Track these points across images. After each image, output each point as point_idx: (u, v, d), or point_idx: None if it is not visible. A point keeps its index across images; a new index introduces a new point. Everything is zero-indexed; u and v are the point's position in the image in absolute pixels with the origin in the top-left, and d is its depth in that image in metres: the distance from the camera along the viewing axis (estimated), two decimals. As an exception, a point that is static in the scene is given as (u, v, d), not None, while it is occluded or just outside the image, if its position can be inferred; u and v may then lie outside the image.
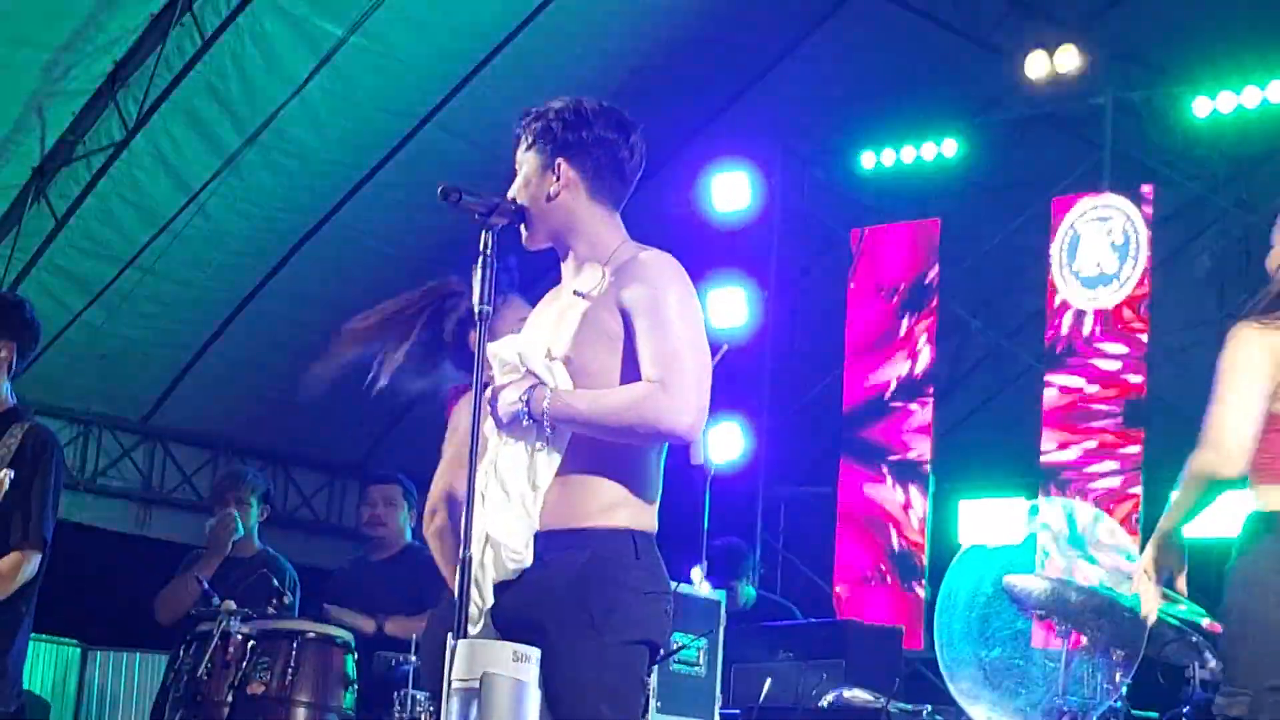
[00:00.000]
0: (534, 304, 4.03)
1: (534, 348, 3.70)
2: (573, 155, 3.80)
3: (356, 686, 6.40)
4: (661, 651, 3.79)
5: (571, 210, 3.81)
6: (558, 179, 3.80)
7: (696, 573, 7.06)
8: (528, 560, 3.61)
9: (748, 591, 8.53)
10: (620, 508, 3.64)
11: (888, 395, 11.10)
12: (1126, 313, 10.21)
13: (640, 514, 3.67)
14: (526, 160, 3.85)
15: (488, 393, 3.65)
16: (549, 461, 3.62)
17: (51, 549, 5.37)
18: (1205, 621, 5.82)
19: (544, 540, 3.62)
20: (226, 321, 11.06)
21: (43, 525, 5.27)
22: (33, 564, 5.28)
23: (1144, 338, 10.18)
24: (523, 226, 3.82)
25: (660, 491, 3.74)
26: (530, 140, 3.84)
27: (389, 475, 7.56)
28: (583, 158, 3.80)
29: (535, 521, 3.62)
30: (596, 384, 3.64)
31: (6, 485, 4.94)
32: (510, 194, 3.83)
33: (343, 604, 7.02)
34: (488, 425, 3.68)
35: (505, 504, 3.62)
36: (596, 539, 3.61)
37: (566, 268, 3.85)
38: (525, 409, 3.60)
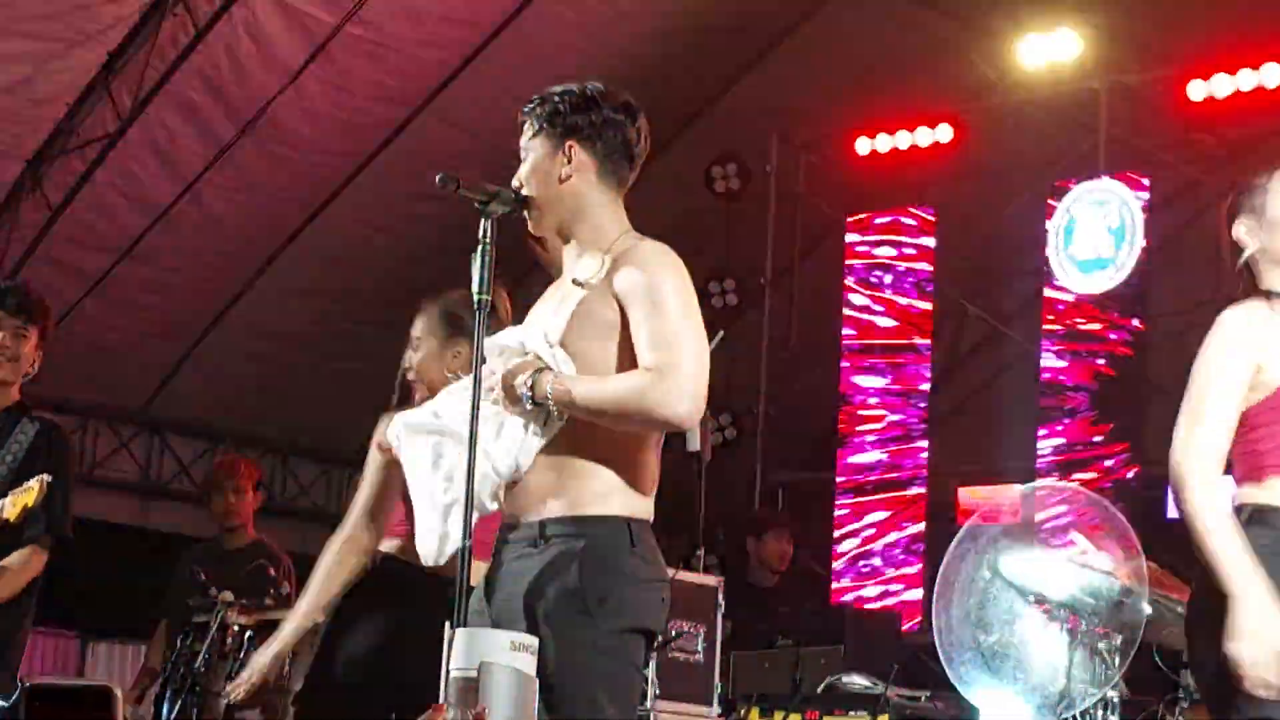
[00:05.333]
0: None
1: (535, 335, 3.69)
2: (583, 138, 3.77)
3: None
4: (659, 639, 3.77)
5: (581, 194, 3.77)
6: (569, 161, 3.76)
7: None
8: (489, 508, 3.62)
9: None
10: (615, 495, 3.63)
11: (884, 381, 11.10)
12: (1123, 297, 10.21)
13: (636, 501, 3.65)
14: (533, 146, 3.80)
15: (495, 379, 3.63)
16: (535, 445, 3.62)
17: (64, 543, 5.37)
18: None
19: (539, 528, 3.61)
20: (223, 311, 11.06)
21: (60, 522, 5.27)
22: (43, 559, 5.28)
23: (1139, 322, 10.19)
24: (529, 213, 3.78)
25: (657, 479, 3.73)
26: (537, 126, 3.80)
27: None
28: (593, 140, 3.77)
29: (499, 479, 3.61)
30: (592, 371, 3.62)
31: (44, 489, 4.92)
32: (515, 182, 3.80)
33: None
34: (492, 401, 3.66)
35: (490, 444, 3.61)
36: (591, 527, 3.60)
37: (568, 255, 3.82)
38: (529, 392, 3.60)
